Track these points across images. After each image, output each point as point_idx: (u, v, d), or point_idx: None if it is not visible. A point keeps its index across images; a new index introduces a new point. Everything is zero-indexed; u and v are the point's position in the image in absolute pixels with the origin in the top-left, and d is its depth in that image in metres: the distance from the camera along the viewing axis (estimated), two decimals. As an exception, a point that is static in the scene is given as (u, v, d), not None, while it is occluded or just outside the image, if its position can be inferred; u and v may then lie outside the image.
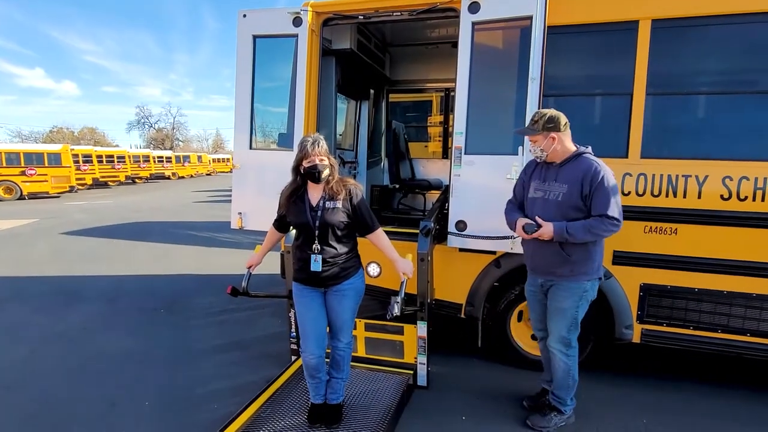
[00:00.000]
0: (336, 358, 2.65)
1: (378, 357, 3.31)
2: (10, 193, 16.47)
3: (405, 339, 3.22)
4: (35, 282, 5.85)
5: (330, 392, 2.67)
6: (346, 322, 2.61)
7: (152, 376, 3.35)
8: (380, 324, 3.25)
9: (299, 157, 2.43)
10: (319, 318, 2.55)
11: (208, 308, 4.82)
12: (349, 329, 2.65)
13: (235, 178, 3.70)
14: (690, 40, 2.91)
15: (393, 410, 2.73)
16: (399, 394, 2.91)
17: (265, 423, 2.61)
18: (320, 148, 2.41)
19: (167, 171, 31.31)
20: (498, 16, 2.99)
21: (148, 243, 8.45)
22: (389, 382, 3.07)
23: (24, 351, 3.77)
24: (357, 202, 2.49)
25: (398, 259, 2.57)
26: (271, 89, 3.76)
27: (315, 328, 2.52)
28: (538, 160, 2.54)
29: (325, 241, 2.44)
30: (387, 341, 3.28)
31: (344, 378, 2.70)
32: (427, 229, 3.04)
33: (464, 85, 3.07)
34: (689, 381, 3.28)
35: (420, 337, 3.07)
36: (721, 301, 2.90)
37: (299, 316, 2.57)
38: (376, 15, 3.40)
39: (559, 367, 2.59)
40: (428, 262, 2.99)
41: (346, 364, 2.68)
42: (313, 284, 2.52)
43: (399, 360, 3.27)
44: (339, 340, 2.62)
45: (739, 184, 2.77)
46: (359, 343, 3.33)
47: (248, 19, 3.55)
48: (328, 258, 2.45)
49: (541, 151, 2.45)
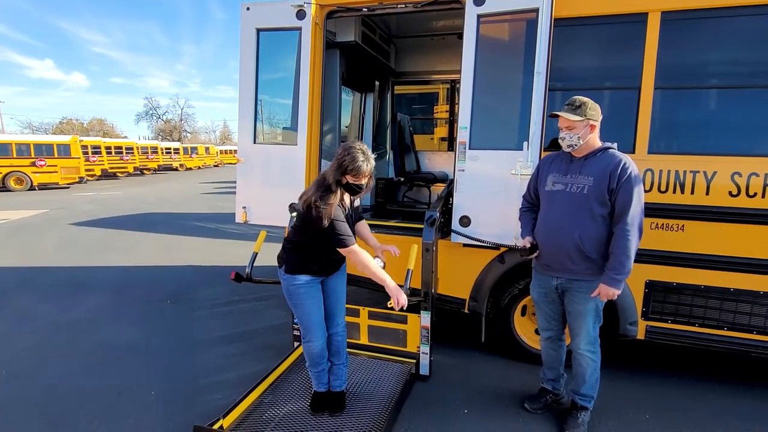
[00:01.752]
0: (335, 345, 2.68)
1: (380, 345, 3.33)
2: (21, 183, 16.66)
3: (408, 328, 3.24)
4: (44, 272, 5.93)
5: (334, 379, 2.70)
6: (342, 306, 2.70)
7: (157, 366, 3.39)
8: (383, 312, 3.26)
9: (347, 168, 2.27)
10: (321, 305, 2.62)
11: (213, 299, 4.86)
12: (343, 313, 2.73)
13: (240, 172, 3.71)
14: (699, 33, 2.84)
15: (395, 399, 2.75)
16: (401, 383, 2.93)
17: (268, 409, 2.65)
18: (371, 166, 2.33)
19: (175, 162, 31.46)
20: (504, 9, 2.94)
21: (154, 234, 8.52)
22: (391, 371, 3.11)
23: (32, 340, 3.83)
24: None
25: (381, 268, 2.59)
26: (275, 82, 3.74)
27: (320, 315, 2.59)
28: (568, 149, 2.38)
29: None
30: (390, 330, 3.30)
31: (345, 363, 2.74)
32: (432, 219, 3.02)
33: (469, 79, 3.03)
34: (693, 377, 3.26)
35: (423, 327, 3.07)
36: (728, 298, 2.86)
37: (307, 308, 2.53)
38: (380, 7, 3.36)
39: (588, 367, 2.53)
40: (433, 253, 2.98)
41: (344, 348, 2.73)
42: (326, 273, 2.58)
43: (401, 349, 3.28)
44: (337, 325, 2.67)
45: (749, 180, 2.72)
46: (362, 331, 3.35)
47: (251, 12, 3.53)
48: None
49: (579, 139, 2.31)
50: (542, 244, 2.51)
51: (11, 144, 16.70)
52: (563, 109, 2.35)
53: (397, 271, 2.84)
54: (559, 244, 2.40)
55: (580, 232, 2.33)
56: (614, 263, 2.27)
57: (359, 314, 3.32)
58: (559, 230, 2.39)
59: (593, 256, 2.35)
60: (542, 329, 2.73)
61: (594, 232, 2.33)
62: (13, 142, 16.93)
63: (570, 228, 2.35)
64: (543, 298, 2.62)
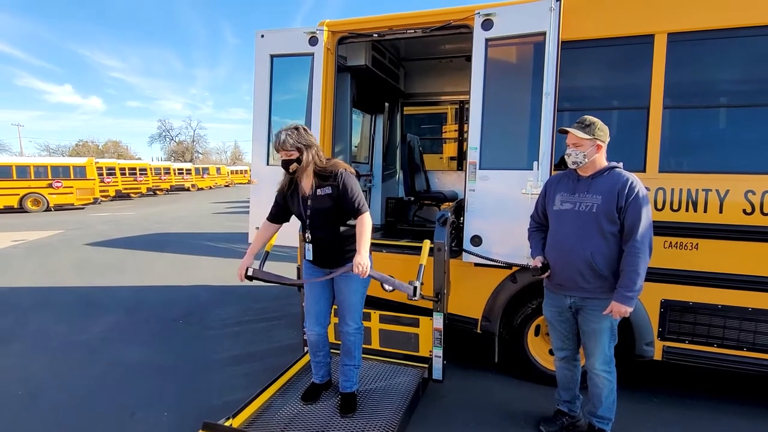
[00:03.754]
0: (346, 344, 2.68)
1: (392, 350, 3.32)
2: (38, 205, 17.04)
3: (420, 332, 3.22)
4: (59, 291, 6.01)
5: (343, 380, 2.70)
6: (354, 305, 2.64)
7: (170, 386, 3.40)
8: (395, 316, 3.28)
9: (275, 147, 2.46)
10: (321, 297, 2.66)
11: (224, 319, 4.88)
12: (357, 314, 2.67)
13: (253, 193, 3.78)
14: (705, 54, 2.88)
15: (408, 402, 2.73)
16: (414, 386, 2.91)
17: (278, 410, 2.66)
18: (284, 143, 2.39)
19: (187, 183, 31.99)
20: (511, 33, 3.01)
21: (167, 254, 8.62)
22: (404, 374, 3.10)
23: (47, 359, 3.87)
24: (343, 187, 2.44)
25: (358, 252, 2.39)
26: (288, 104, 3.84)
27: (315, 305, 2.67)
28: (573, 166, 2.41)
29: (316, 229, 2.50)
30: (402, 333, 3.28)
31: (356, 365, 2.73)
32: (444, 218, 3.03)
33: (478, 101, 3.09)
34: (714, 399, 3.17)
35: (436, 329, 3.03)
36: (747, 318, 2.81)
37: (306, 294, 2.71)
38: (390, 33, 3.46)
39: (604, 387, 2.50)
40: (445, 252, 2.95)
41: (357, 351, 2.71)
42: (318, 263, 2.64)
43: (414, 353, 3.26)
44: (347, 324, 2.66)
45: (763, 198, 2.71)
46: (373, 335, 3.34)
47: (266, 39, 3.65)
48: (323, 245, 2.52)
49: (584, 157, 2.34)
50: (554, 263, 2.50)
51: (30, 166, 17.17)
52: (573, 127, 2.38)
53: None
54: (571, 263, 2.40)
55: (592, 249, 2.34)
56: (625, 281, 2.28)
57: (370, 318, 3.31)
58: (570, 249, 2.40)
59: (605, 274, 2.34)
60: (556, 349, 2.70)
61: (605, 250, 2.33)
62: (32, 164, 17.40)
63: (581, 246, 2.36)
64: (556, 318, 2.60)
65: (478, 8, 3.08)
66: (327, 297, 2.68)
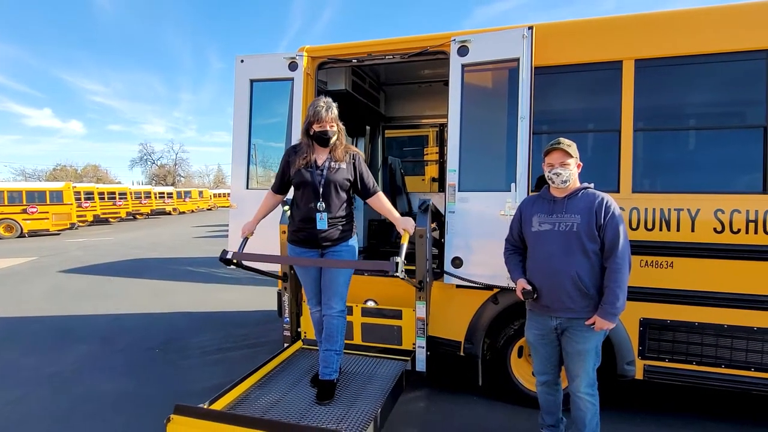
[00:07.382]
0: (329, 328, 2.65)
1: (375, 344, 3.29)
2: (11, 231, 16.51)
3: (403, 323, 3.19)
4: (30, 321, 5.77)
5: (323, 366, 2.65)
6: (340, 286, 2.67)
7: (145, 420, 3.25)
8: (378, 309, 3.28)
9: (311, 120, 2.57)
10: (317, 278, 2.72)
11: (204, 347, 4.74)
12: (342, 296, 2.70)
13: (232, 217, 3.73)
14: (671, 78, 3.01)
15: (390, 391, 2.67)
16: (397, 375, 2.86)
17: (254, 401, 2.60)
18: (332, 113, 2.57)
19: (168, 206, 31.48)
20: (486, 59, 3.10)
21: (145, 280, 8.39)
22: (386, 368, 3.08)
23: (12, 395, 3.67)
24: (360, 166, 2.68)
25: (399, 219, 2.71)
26: (269, 127, 3.85)
27: (314, 286, 2.75)
28: (563, 185, 2.39)
29: (328, 200, 2.58)
30: (384, 327, 3.24)
31: (337, 351, 2.69)
32: (426, 205, 3.06)
33: (456, 124, 3.15)
34: (695, 416, 3.19)
35: (419, 319, 2.99)
36: (723, 334, 2.86)
37: (300, 279, 2.79)
38: (369, 58, 3.52)
39: (588, 411, 2.47)
40: (426, 240, 2.95)
41: (339, 335, 2.68)
42: (311, 245, 2.64)
43: (397, 347, 3.23)
44: (332, 307, 2.65)
45: (731, 217, 2.79)
46: (355, 329, 3.29)
47: (246, 64, 3.68)
48: (330, 218, 2.58)
49: (570, 176, 2.38)
50: (540, 285, 2.48)
51: (3, 192, 16.67)
52: (560, 147, 2.40)
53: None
54: (558, 284, 2.40)
55: (577, 268, 2.36)
56: (609, 297, 2.30)
57: (353, 312, 3.26)
58: (555, 269, 2.40)
59: (591, 293, 2.36)
60: (538, 373, 2.66)
61: (589, 268, 2.36)
62: (5, 189, 16.91)
63: (566, 266, 2.37)
64: (539, 340, 2.57)
65: (454, 35, 3.17)
66: (320, 279, 2.74)
